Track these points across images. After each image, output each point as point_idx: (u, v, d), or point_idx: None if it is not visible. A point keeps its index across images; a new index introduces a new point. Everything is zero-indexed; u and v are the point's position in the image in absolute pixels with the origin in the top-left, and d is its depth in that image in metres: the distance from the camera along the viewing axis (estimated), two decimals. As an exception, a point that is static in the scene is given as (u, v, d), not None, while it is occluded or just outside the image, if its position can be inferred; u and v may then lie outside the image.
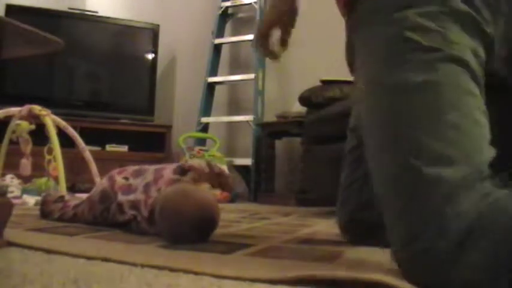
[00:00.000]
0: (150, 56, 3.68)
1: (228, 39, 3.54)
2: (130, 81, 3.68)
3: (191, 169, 1.09)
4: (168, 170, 1.11)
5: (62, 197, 1.38)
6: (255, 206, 2.45)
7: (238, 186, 3.14)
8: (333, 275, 0.63)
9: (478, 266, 0.56)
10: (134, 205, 1.07)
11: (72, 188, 2.28)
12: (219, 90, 3.56)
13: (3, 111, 2.22)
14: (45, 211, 1.34)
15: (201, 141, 3.34)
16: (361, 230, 0.96)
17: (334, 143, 1.76)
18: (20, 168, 2.12)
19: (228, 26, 3.63)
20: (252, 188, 3.05)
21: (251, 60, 3.34)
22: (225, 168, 2.94)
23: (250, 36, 3.27)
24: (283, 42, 1.05)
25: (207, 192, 0.95)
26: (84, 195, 2.01)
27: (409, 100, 0.66)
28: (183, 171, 1.09)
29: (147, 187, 1.08)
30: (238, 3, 3.47)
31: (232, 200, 2.73)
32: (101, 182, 1.23)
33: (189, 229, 0.91)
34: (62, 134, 2.21)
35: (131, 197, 1.09)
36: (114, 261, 0.70)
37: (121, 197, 1.11)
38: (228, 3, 3.49)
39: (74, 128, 2.41)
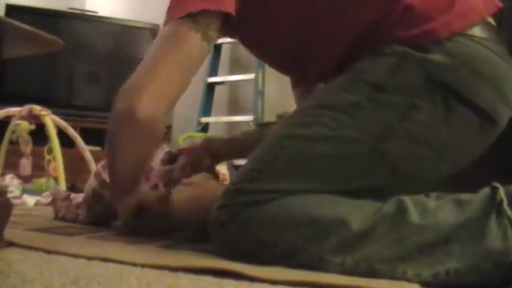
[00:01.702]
0: (150, 56, 3.67)
1: (228, 39, 3.52)
2: (130, 81, 3.67)
3: (181, 153, 1.05)
4: (156, 161, 1.05)
5: (68, 196, 1.37)
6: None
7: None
8: (334, 281, 0.63)
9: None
10: None
11: (72, 188, 2.27)
12: (219, 90, 3.55)
13: (3, 111, 2.22)
14: (53, 208, 1.32)
15: (201, 141, 3.33)
16: None
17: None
18: (20, 168, 2.12)
19: (228, 26, 3.62)
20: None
21: (251, 60, 3.34)
22: (223, 168, 2.94)
23: (250, 36, 3.27)
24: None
25: (213, 190, 0.91)
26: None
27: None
28: (172, 158, 1.04)
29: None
30: (238, 3, 3.46)
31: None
32: (88, 182, 1.20)
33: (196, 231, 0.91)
34: (62, 134, 2.21)
35: None
36: (114, 261, 0.70)
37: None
38: (228, 3, 3.48)
39: (74, 128, 2.41)
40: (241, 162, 3.16)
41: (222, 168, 2.98)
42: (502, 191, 0.69)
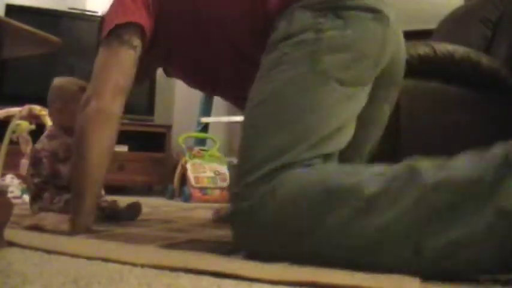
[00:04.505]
0: (150, 56, 3.67)
1: (228, 39, 3.53)
2: (130, 81, 3.68)
3: None
4: None
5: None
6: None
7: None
8: (334, 281, 0.63)
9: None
10: None
11: (72, 188, 2.28)
12: (219, 90, 3.55)
13: (3, 111, 2.22)
14: None
15: (201, 141, 3.33)
16: None
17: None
18: (20, 168, 2.12)
19: (228, 26, 3.62)
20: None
21: (251, 60, 3.34)
22: (223, 167, 2.94)
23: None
24: None
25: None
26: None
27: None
28: None
29: None
30: (238, 3, 3.46)
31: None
32: None
33: None
34: (62, 134, 2.20)
35: None
36: (114, 261, 0.70)
37: None
38: (228, 3, 3.47)
39: (74, 128, 2.41)
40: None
41: (222, 168, 2.98)
42: None
